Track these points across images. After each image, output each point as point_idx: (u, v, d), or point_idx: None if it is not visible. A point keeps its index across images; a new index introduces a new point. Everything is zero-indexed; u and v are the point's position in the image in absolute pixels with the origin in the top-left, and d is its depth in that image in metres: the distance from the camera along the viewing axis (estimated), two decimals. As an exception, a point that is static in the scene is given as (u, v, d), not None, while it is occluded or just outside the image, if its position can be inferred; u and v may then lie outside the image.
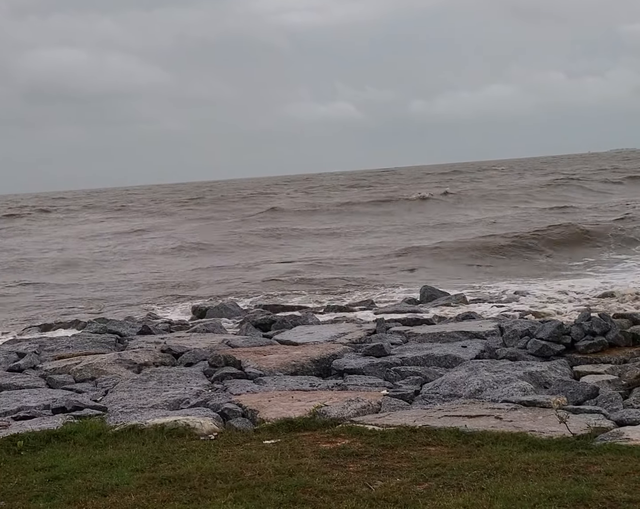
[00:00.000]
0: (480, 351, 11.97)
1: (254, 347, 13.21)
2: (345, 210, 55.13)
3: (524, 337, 12.04)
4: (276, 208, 58.80)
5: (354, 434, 8.21)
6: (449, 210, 51.83)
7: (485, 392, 9.78)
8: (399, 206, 56.16)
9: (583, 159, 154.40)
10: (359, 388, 10.45)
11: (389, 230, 41.79)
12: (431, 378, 10.65)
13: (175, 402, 10.08)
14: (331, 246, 35.99)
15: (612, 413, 8.68)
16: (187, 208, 69.99)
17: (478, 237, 33.96)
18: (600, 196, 56.95)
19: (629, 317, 13.46)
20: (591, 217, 40.28)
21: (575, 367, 10.98)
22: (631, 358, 11.18)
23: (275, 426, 8.67)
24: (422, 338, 13.32)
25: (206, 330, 15.66)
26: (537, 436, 7.95)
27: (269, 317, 16.55)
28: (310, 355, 12.12)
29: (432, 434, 8.13)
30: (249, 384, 10.81)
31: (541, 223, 36.64)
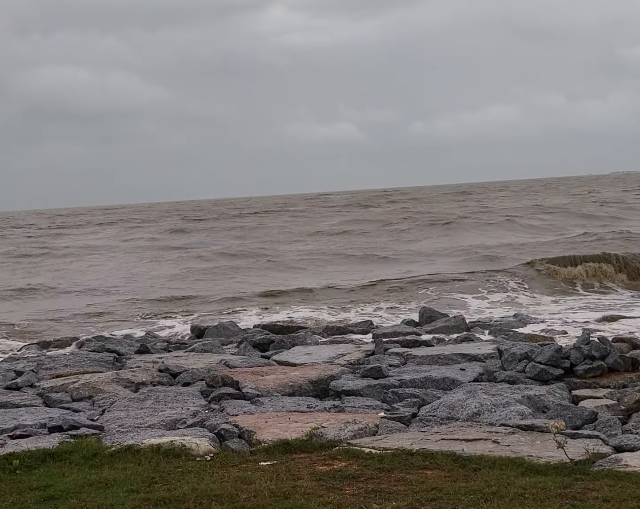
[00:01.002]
0: (479, 374, 11.94)
1: (252, 367, 13.18)
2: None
3: (522, 360, 12.02)
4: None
5: (350, 457, 8.17)
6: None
7: (483, 415, 9.74)
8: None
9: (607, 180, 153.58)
10: (357, 410, 10.41)
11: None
12: (429, 401, 10.62)
13: (171, 422, 10.04)
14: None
15: (611, 439, 8.64)
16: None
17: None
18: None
19: (628, 341, 13.47)
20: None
21: (574, 391, 10.94)
22: (630, 383, 11.15)
23: (271, 448, 8.63)
24: (420, 360, 13.28)
25: (204, 349, 15.62)
26: (534, 461, 7.91)
27: (267, 337, 16.52)
28: (308, 375, 12.09)
29: (429, 457, 8.09)
30: (246, 405, 10.77)
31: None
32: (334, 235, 51.93)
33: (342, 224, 60.54)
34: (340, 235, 51.41)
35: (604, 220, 51.14)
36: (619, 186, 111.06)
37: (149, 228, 69.35)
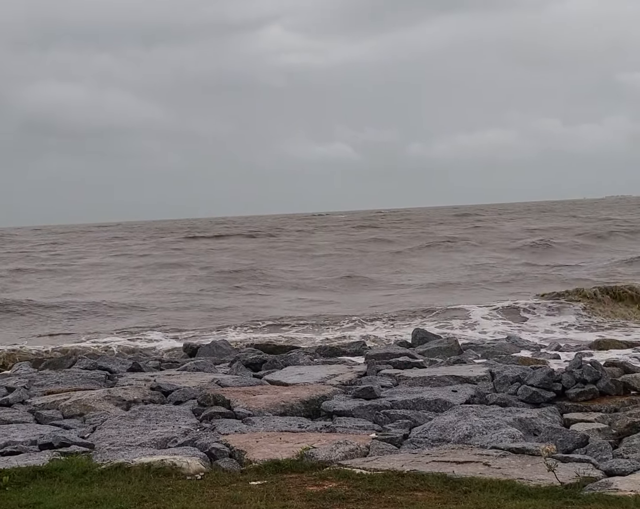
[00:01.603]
0: (471, 396, 11.94)
1: (244, 387, 13.17)
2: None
3: (514, 383, 12.02)
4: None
5: (341, 478, 8.17)
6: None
7: (474, 438, 9.74)
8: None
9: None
10: (348, 430, 10.40)
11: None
12: (420, 422, 10.61)
13: (162, 440, 10.02)
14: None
15: (602, 463, 8.65)
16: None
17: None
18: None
19: (620, 366, 13.48)
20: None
21: (566, 415, 10.94)
22: (622, 407, 11.15)
23: (262, 468, 8.62)
24: (412, 382, 13.28)
25: (196, 368, 15.60)
26: (525, 484, 7.91)
27: (259, 357, 16.51)
28: (299, 396, 12.08)
29: (420, 479, 8.09)
30: (238, 424, 10.76)
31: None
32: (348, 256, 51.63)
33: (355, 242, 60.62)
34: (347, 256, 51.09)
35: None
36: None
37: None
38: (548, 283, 33.56)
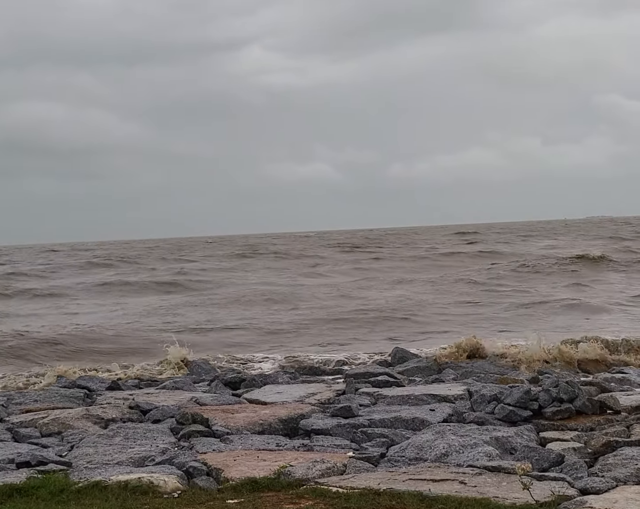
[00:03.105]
0: (448, 415, 11.99)
1: (223, 405, 13.17)
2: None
3: (492, 402, 12.09)
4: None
5: (317, 496, 8.20)
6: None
7: (451, 456, 9.79)
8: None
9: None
10: (325, 449, 10.42)
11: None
12: (398, 441, 10.65)
13: (140, 459, 10.02)
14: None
15: (577, 481, 8.71)
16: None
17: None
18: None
19: (596, 385, 13.56)
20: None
21: (542, 433, 11.00)
22: (598, 426, 11.22)
23: (239, 486, 8.64)
24: (390, 400, 13.32)
25: (175, 387, 15.60)
26: (500, 502, 7.97)
27: (238, 375, 16.53)
28: (278, 414, 12.10)
29: (396, 497, 8.13)
30: (216, 442, 10.77)
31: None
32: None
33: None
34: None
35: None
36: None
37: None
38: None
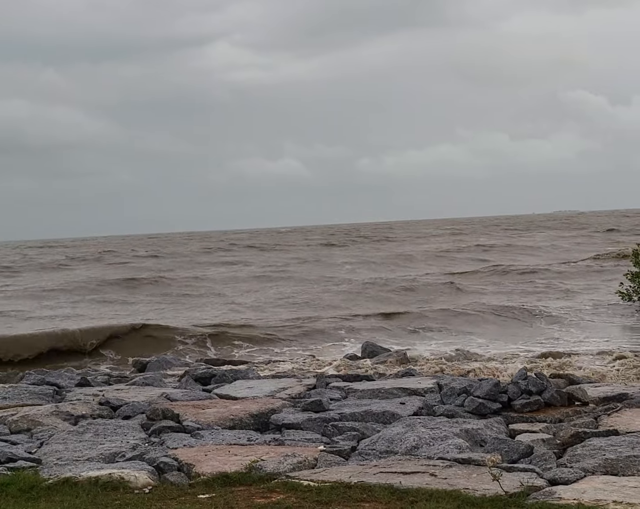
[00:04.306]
0: (418, 408, 12.04)
1: (193, 401, 13.15)
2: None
3: (461, 395, 12.14)
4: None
5: (289, 490, 8.22)
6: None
7: (421, 449, 9.83)
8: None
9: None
10: (296, 443, 10.45)
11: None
12: (369, 434, 10.68)
13: (111, 455, 9.99)
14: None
15: (546, 472, 8.78)
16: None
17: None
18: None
19: (565, 377, 13.68)
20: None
21: (511, 425, 11.07)
22: (566, 418, 11.32)
23: (210, 481, 8.64)
24: (361, 394, 13.36)
25: (145, 383, 15.56)
26: (470, 494, 8.02)
27: (209, 371, 16.50)
28: (249, 409, 12.11)
29: (367, 490, 8.17)
30: (186, 438, 10.76)
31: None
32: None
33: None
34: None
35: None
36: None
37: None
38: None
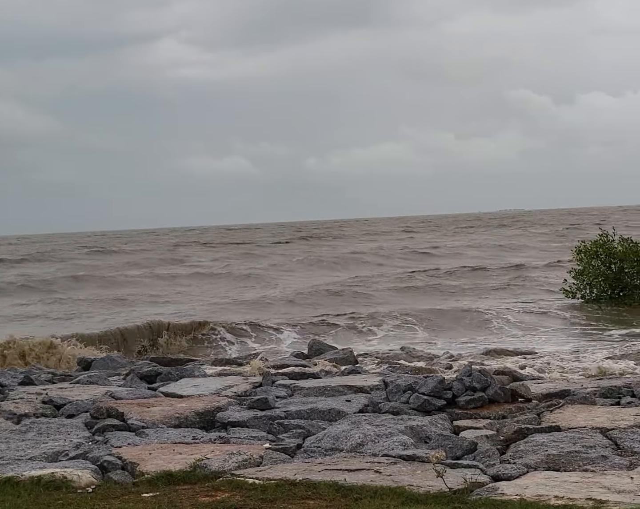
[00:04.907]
0: (364, 405, 12.07)
1: (138, 399, 13.06)
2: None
3: (407, 392, 12.20)
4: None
5: (234, 488, 8.20)
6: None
7: (366, 446, 9.87)
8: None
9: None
10: (242, 441, 10.43)
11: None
12: (314, 432, 10.70)
13: (54, 454, 9.89)
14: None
15: (489, 468, 8.86)
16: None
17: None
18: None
19: (508, 373, 13.82)
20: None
21: (456, 422, 11.15)
22: (509, 414, 11.42)
23: (154, 479, 8.59)
24: (307, 392, 13.37)
25: (90, 381, 15.43)
26: (414, 491, 8.06)
27: (154, 369, 16.40)
28: (194, 407, 12.06)
29: (312, 487, 8.17)
30: (131, 436, 10.69)
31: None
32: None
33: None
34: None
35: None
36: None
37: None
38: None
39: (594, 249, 29.13)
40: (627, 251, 28.79)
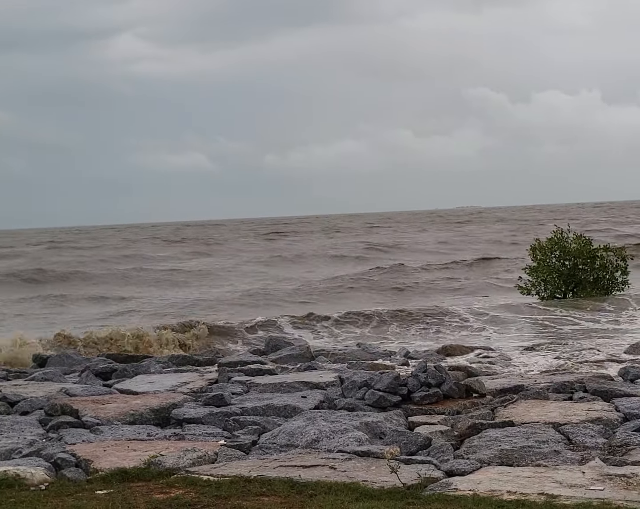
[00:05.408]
0: (320, 402, 12.11)
1: (93, 396, 13.01)
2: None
3: (362, 388, 12.24)
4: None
5: (188, 485, 8.20)
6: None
7: (321, 442, 9.89)
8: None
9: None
10: (197, 437, 10.42)
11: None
12: (270, 428, 10.71)
13: (7, 452, 9.80)
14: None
15: (443, 464, 8.92)
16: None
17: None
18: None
19: (463, 369, 13.92)
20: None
21: (411, 418, 11.22)
22: (464, 410, 11.52)
23: (108, 477, 8.55)
24: (263, 388, 13.39)
25: (45, 378, 15.32)
26: (369, 486, 8.10)
27: (110, 366, 16.32)
28: (149, 404, 12.02)
29: (267, 484, 8.19)
30: (85, 433, 10.63)
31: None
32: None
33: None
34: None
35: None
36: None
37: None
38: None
39: (548, 246, 29.36)
40: (581, 248, 29.06)
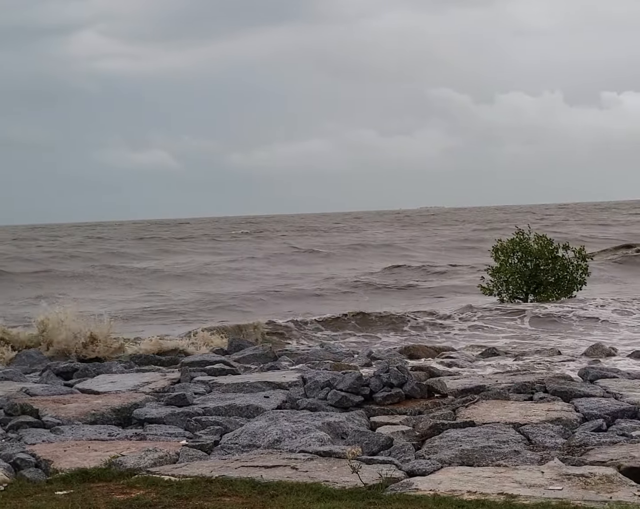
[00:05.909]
0: (282, 402, 12.11)
1: (54, 396, 12.92)
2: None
3: (325, 388, 12.25)
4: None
5: (149, 485, 8.17)
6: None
7: (284, 442, 9.89)
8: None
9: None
10: (159, 437, 10.38)
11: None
12: (232, 428, 10.69)
13: (-35, 452, 9.72)
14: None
15: (404, 464, 8.95)
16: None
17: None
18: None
19: (425, 370, 13.98)
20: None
21: (373, 418, 11.25)
22: (426, 410, 11.56)
23: (68, 477, 8.51)
24: (226, 388, 13.36)
25: (5, 377, 15.19)
26: (330, 486, 8.11)
27: (71, 365, 16.23)
28: (111, 404, 11.96)
29: (228, 484, 8.18)
30: (46, 433, 10.56)
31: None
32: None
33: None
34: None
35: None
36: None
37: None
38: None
39: (510, 247, 29.53)
40: (543, 248, 29.27)
